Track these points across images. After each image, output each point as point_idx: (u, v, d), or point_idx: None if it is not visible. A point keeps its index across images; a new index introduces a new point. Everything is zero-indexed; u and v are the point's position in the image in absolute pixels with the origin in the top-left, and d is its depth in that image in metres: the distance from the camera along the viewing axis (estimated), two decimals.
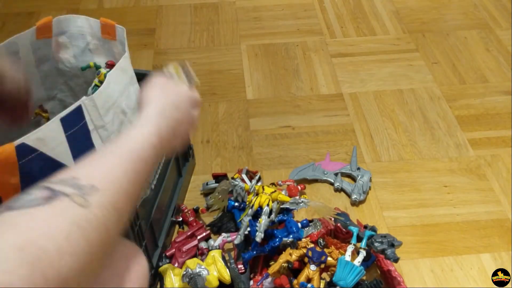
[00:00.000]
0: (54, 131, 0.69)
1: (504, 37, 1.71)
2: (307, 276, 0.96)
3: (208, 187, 1.21)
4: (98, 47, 0.98)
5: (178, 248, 1.05)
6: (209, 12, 1.85)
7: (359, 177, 1.23)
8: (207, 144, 1.35)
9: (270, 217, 1.00)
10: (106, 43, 0.96)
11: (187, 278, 0.96)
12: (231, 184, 1.08)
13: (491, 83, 1.54)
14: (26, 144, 0.65)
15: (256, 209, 1.02)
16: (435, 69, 1.59)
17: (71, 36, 0.97)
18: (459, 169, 1.28)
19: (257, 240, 0.96)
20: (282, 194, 1.05)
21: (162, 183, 1.04)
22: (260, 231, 0.96)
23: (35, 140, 0.66)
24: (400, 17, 1.81)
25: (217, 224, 1.12)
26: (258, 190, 1.05)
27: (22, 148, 0.65)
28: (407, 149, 1.34)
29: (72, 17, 0.96)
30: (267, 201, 1.01)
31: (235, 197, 1.09)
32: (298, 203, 1.06)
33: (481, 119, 1.42)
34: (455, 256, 1.10)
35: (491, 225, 1.16)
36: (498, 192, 1.23)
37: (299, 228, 1.03)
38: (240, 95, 1.50)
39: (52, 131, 0.69)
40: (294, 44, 1.69)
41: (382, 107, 1.46)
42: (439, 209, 1.19)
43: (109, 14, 1.82)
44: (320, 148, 1.34)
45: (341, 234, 1.06)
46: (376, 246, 0.96)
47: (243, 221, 1.03)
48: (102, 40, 0.96)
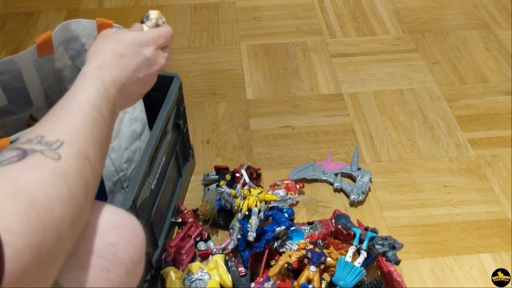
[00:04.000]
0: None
1: (504, 37, 1.71)
2: (307, 277, 0.95)
3: (208, 178, 1.22)
4: None
5: (177, 251, 1.05)
6: (209, 12, 1.85)
7: (359, 177, 1.23)
8: (207, 144, 1.35)
9: (259, 217, 1.01)
10: None
11: (189, 282, 0.96)
12: (218, 192, 1.09)
13: (491, 83, 1.54)
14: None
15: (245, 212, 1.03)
16: (435, 69, 1.59)
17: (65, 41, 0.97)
18: (459, 169, 1.28)
19: (250, 240, 0.98)
20: (269, 194, 1.08)
21: (162, 183, 1.04)
22: (251, 230, 0.98)
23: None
24: (400, 17, 1.81)
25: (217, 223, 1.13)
26: (245, 194, 1.06)
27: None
28: (407, 149, 1.33)
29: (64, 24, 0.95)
30: (255, 202, 1.03)
31: (223, 203, 1.09)
32: (286, 199, 1.09)
33: (481, 119, 1.42)
34: (455, 256, 1.10)
35: (491, 225, 1.16)
36: (498, 192, 1.22)
37: (286, 217, 1.04)
38: (240, 95, 1.50)
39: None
40: (294, 44, 1.69)
41: (382, 107, 1.46)
42: (439, 209, 1.19)
43: (109, 14, 1.82)
44: (320, 148, 1.34)
45: (341, 236, 1.06)
46: (377, 248, 0.96)
47: (235, 225, 1.04)
48: None
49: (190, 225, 1.10)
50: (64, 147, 0.47)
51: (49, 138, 0.48)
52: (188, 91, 1.47)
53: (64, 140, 0.48)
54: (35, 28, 1.74)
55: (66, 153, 0.47)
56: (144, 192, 0.89)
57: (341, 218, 1.10)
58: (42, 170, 0.43)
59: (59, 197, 0.43)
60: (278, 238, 1.03)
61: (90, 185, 0.50)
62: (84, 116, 0.53)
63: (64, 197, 0.44)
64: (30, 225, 0.38)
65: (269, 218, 1.05)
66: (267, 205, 1.06)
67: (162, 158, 0.98)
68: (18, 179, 0.41)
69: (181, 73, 1.21)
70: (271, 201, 1.06)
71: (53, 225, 0.41)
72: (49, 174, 0.43)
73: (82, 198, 0.47)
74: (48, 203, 0.41)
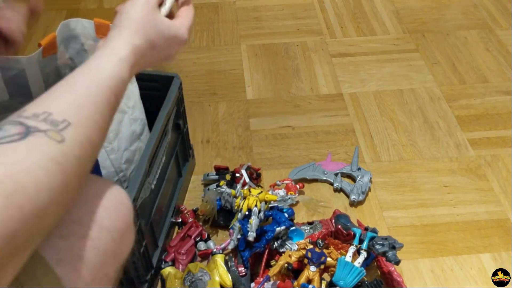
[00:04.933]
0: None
1: (504, 37, 1.71)
2: (307, 277, 0.95)
3: (208, 178, 1.22)
4: (93, 48, 0.97)
5: (177, 251, 1.05)
6: (209, 12, 1.85)
7: (359, 177, 1.23)
8: (207, 144, 1.35)
9: (259, 216, 1.01)
10: None
11: (189, 282, 0.96)
12: (218, 192, 1.09)
13: (491, 83, 1.54)
14: None
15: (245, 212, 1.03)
16: (435, 69, 1.59)
17: (65, 40, 0.97)
18: (459, 169, 1.28)
19: (250, 240, 0.98)
20: (269, 194, 1.08)
21: (162, 183, 1.04)
22: (251, 230, 0.98)
23: None
24: (400, 17, 1.81)
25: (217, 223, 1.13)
26: (245, 194, 1.06)
27: None
28: (407, 149, 1.33)
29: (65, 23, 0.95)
30: (255, 202, 1.03)
31: (223, 203, 1.09)
32: (286, 199, 1.10)
33: (481, 119, 1.42)
34: (455, 256, 1.10)
35: (491, 225, 1.16)
36: (498, 192, 1.22)
37: (286, 217, 1.04)
38: (240, 95, 1.50)
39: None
40: (294, 44, 1.69)
41: (382, 107, 1.46)
42: (439, 209, 1.19)
43: (109, 14, 1.81)
44: (320, 148, 1.34)
45: (341, 236, 1.06)
46: (377, 248, 0.96)
47: (235, 225, 1.04)
48: (97, 40, 0.96)
49: (190, 225, 1.10)
50: (70, 129, 0.45)
51: (56, 117, 0.45)
52: (188, 91, 1.47)
53: (72, 122, 0.46)
54: (35, 28, 1.74)
55: (70, 137, 0.45)
56: (144, 192, 0.89)
57: (341, 218, 1.10)
58: (41, 155, 0.42)
59: (50, 184, 0.41)
60: (278, 238, 1.03)
61: (86, 171, 0.48)
62: (100, 99, 0.51)
63: (56, 184, 0.42)
64: (8, 213, 0.37)
65: (269, 218, 1.06)
66: (267, 205, 1.06)
67: (162, 158, 0.98)
68: (11, 164, 0.39)
69: (181, 73, 1.21)
70: (271, 201, 1.07)
71: (35, 212, 0.39)
72: (46, 160, 0.42)
73: (75, 185, 0.45)
74: (36, 190, 0.40)
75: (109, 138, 0.91)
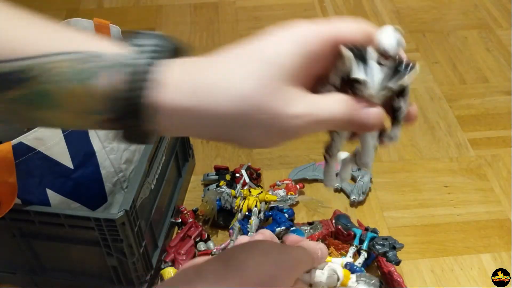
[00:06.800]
0: (52, 130, 0.69)
1: (504, 37, 1.70)
2: None
3: (208, 178, 1.22)
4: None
5: (176, 251, 1.05)
6: (209, 12, 1.84)
7: (359, 177, 1.23)
8: (207, 144, 1.35)
9: (259, 217, 1.01)
10: None
11: None
12: (217, 192, 1.09)
13: (491, 83, 1.53)
14: (23, 143, 0.66)
15: (245, 213, 1.04)
16: (436, 69, 1.59)
17: None
18: (459, 169, 1.28)
19: None
20: (269, 194, 1.08)
21: (161, 184, 1.04)
22: (252, 231, 0.98)
23: (32, 139, 0.66)
24: (400, 17, 1.80)
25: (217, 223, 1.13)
26: (245, 194, 1.06)
27: (19, 147, 0.65)
28: (408, 149, 1.33)
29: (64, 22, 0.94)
30: (255, 203, 1.04)
31: (223, 203, 1.09)
32: (286, 200, 1.09)
33: (481, 119, 1.42)
34: (455, 256, 1.10)
35: (491, 225, 1.15)
36: (498, 192, 1.22)
37: (286, 218, 1.04)
38: None
39: (49, 130, 0.68)
40: None
41: None
42: (439, 209, 1.19)
43: (109, 14, 1.82)
44: (321, 148, 1.32)
45: (342, 237, 1.06)
46: (378, 248, 0.96)
47: (235, 226, 1.04)
48: None
49: (190, 226, 1.10)
50: None
51: None
52: None
53: None
54: None
55: None
56: (144, 192, 0.89)
57: (342, 218, 1.10)
58: None
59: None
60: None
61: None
62: None
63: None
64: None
65: (269, 218, 1.05)
66: (267, 205, 1.06)
67: (162, 158, 0.98)
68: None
69: None
70: (271, 201, 1.06)
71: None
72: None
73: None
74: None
75: (109, 138, 0.91)
